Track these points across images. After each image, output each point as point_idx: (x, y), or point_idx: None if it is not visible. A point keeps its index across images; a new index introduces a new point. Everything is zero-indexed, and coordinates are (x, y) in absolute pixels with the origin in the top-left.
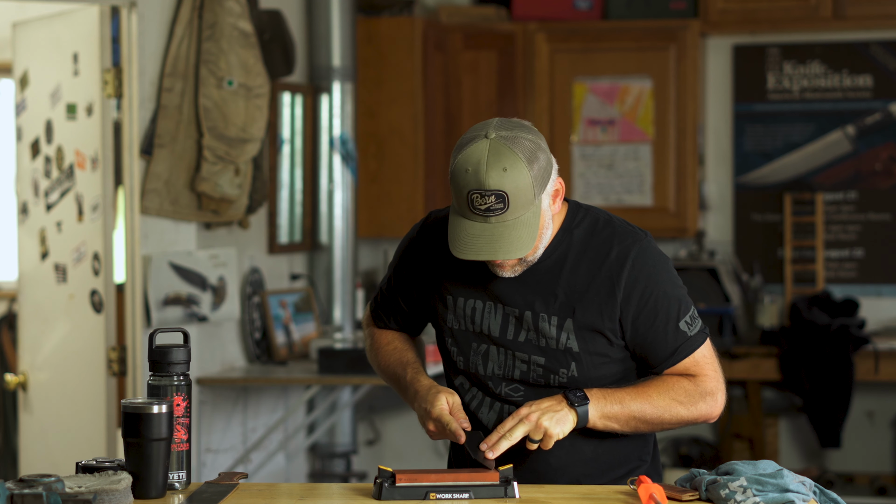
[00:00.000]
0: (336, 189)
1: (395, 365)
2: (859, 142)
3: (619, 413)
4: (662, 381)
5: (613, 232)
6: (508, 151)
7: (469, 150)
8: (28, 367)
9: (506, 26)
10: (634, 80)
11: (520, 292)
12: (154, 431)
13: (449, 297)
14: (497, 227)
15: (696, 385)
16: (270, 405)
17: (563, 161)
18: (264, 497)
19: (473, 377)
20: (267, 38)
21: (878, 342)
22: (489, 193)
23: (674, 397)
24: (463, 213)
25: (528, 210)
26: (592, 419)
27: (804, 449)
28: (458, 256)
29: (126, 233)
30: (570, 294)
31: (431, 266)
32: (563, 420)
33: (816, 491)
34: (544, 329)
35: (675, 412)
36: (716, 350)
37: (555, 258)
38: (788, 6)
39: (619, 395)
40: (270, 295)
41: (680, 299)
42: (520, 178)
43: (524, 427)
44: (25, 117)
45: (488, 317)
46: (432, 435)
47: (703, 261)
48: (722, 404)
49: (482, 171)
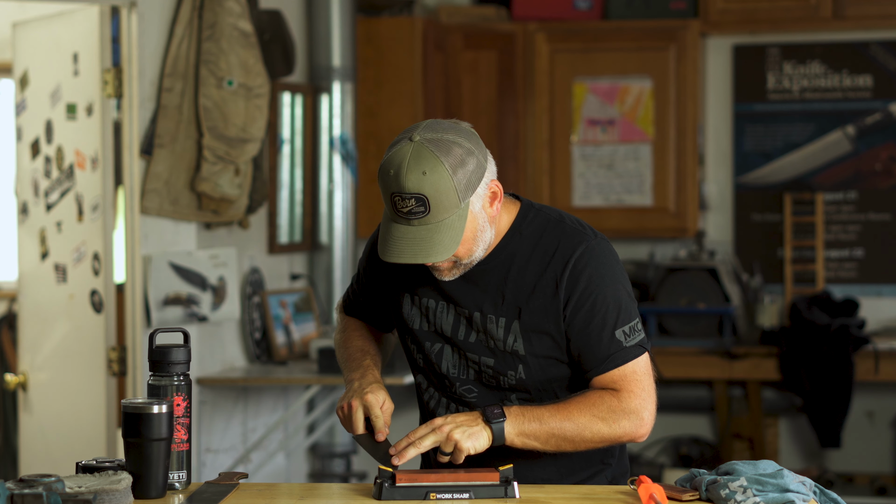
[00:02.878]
0: (336, 189)
1: (357, 350)
2: (859, 142)
3: (538, 431)
4: (585, 398)
5: (562, 232)
6: (429, 155)
7: (393, 153)
8: (28, 367)
9: (506, 26)
10: (634, 80)
11: (470, 293)
12: (154, 431)
13: (407, 295)
14: (419, 229)
15: (619, 401)
16: (270, 405)
17: (563, 161)
18: (264, 497)
19: (431, 376)
20: (267, 38)
21: (878, 342)
22: (409, 196)
23: (595, 414)
24: (390, 215)
25: (453, 213)
26: (510, 437)
27: (804, 449)
28: (383, 259)
29: (126, 233)
30: (516, 295)
31: (388, 266)
32: (476, 436)
33: (816, 491)
34: (492, 330)
35: (595, 430)
36: (654, 370)
37: (502, 258)
38: (788, 6)
39: (539, 412)
40: (270, 295)
41: (621, 306)
42: (440, 181)
43: (434, 437)
44: (25, 117)
45: (441, 316)
46: (341, 417)
47: (703, 261)
48: (649, 424)
49: (402, 174)
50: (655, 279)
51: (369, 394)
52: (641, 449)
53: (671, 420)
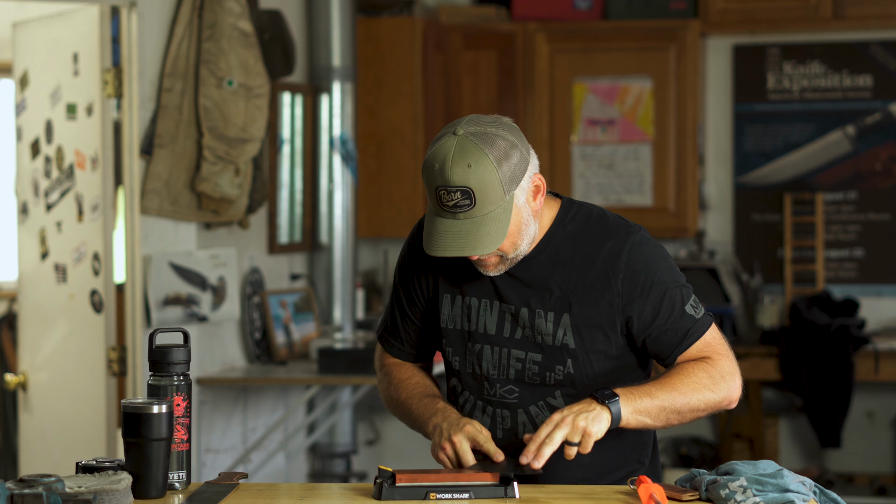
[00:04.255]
0: (336, 189)
1: (420, 395)
2: (859, 142)
3: (651, 406)
4: (682, 369)
5: (607, 226)
6: (474, 147)
7: (437, 147)
8: (28, 367)
9: (506, 26)
10: (634, 80)
11: (515, 289)
12: (154, 431)
13: (447, 296)
14: (465, 223)
15: (714, 367)
16: (270, 405)
17: (563, 161)
18: (264, 497)
19: (468, 378)
20: (267, 38)
21: (878, 342)
22: (454, 190)
23: (697, 381)
24: (435, 210)
25: (498, 206)
26: (626, 415)
27: (804, 449)
28: (428, 253)
29: (126, 233)
30: (565, 289)
31: (427, 266)
32: (598, 418)
33: (816, 491)
34: (540, 325)
35: (701, 396)
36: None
37: (547, 253)
38: (788, 6)
39: (646, 388)
40: (270, 295)
41: (681, 285)
42: (485, 174)
43: (562, 431)
44: (25, 117)
45: (484, 314)
46: (445, 460)
47: (703, 261)
48: (740, 386)
49: (447, 168)
50: None
51: (467, 425)
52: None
53: None
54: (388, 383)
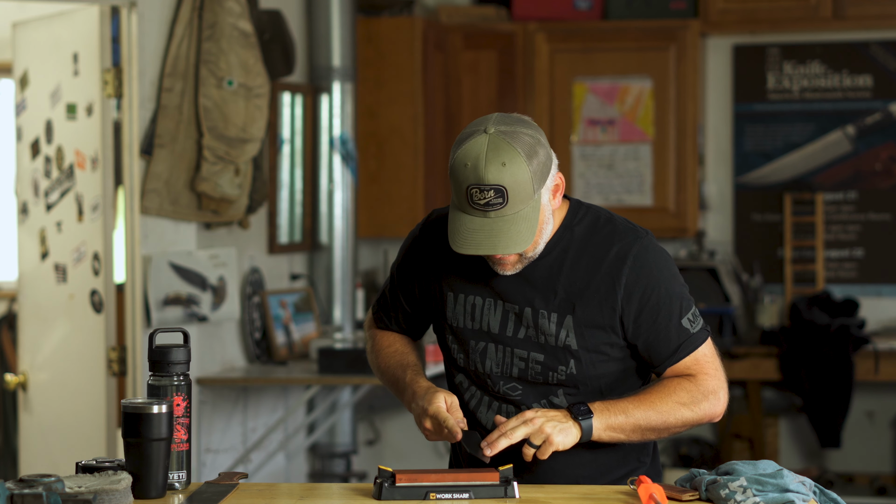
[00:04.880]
0: (336, 189)
1: (395, 367)
2: (859, 142)
3: (624, 423)
4: (663, 386)
5: (614, 230)
6: (507, 146)
7: (468, 145)
8: (28, 367)
9: (506, 26)
10: (634, 80)
11: (520, 289)
12: (154, 431)
13: (450, 293)
14: (496, 221)
15: (697, 385)
16: (270, 405)
17: (563, 161)
18: (264, 497)
19: (472, 375)
20: (267, 38)
21: (878, 342)
22: (488, 188)
23: (676, 400)
24: (462, 207)
25: (528, 205)
26: (597, 432)
27: (804, 449)
28: (457, 251)
29: (126, 233)
30: (569, 291)
31: (433, 263)
32: (566, 431)
33: (816, 491)
34: (543, 326)
35: (679, 415)
36: (717, 349)
37: (555, 255)
38: (788, 6)
39: (622, 405)
40: (270, 295)
41: (681, 297)
42: (519, 172)
43: (526, 429)
44: (25, 117)
45: (488, 313)
46: (428, 435)
47: (703, 261)
48: (724, 403)
49: (481, 166)
50: None
51: (428, 405)
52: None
53: None
54: (371, 347)
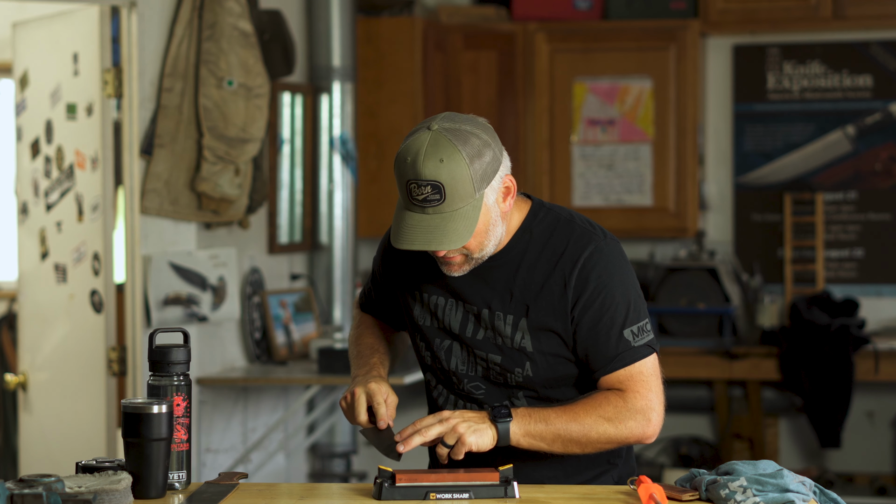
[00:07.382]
0: (336, 189)
1: (366, 347)
2: (859, 142)
3: (544, 432)
4: (592, 399)
5: (572, 231)
6: (447, 143)
7: (410, 141)
8: (28, 367)
9: (506, 26)
10: (634, 80)
11: (479, 290)
12: (154, 431)
13: (416, 292)
14: (434, 218)
15: (625, 401)
16: (270, 405)
17: (563, 161)
18: (264, 497)
19: (439, 373)
20: (267, 38)
21: (878, 342)
22: (425, 183)
23: (601, 415)
24: (405, 203)
25: (468, 203)
26: (515, 437)
27: (804, 449)
28: (395, 246)
29: (126, 233)
30: (524, 293)
31: (400, 263)
32: (481, 433)
33: (816, 491)
34: (500, 327)
35: (601, 430)
36: (661, 370)
37: (512, 256)
38: (788, 6)
39: (545, 413)
40: (270, 295)
41: (630, 306)
42: (457, 169)
43: (440, 428)
44: (25, 117)
45: (450, 313)
46: (343, 408)
47: (703, 261)
48: (657, 425)
49: (419, 161)
50: (655, 279)
51: (372, 383)
52: (641, 449)
53: (671, 420)
54: (355, 324)
